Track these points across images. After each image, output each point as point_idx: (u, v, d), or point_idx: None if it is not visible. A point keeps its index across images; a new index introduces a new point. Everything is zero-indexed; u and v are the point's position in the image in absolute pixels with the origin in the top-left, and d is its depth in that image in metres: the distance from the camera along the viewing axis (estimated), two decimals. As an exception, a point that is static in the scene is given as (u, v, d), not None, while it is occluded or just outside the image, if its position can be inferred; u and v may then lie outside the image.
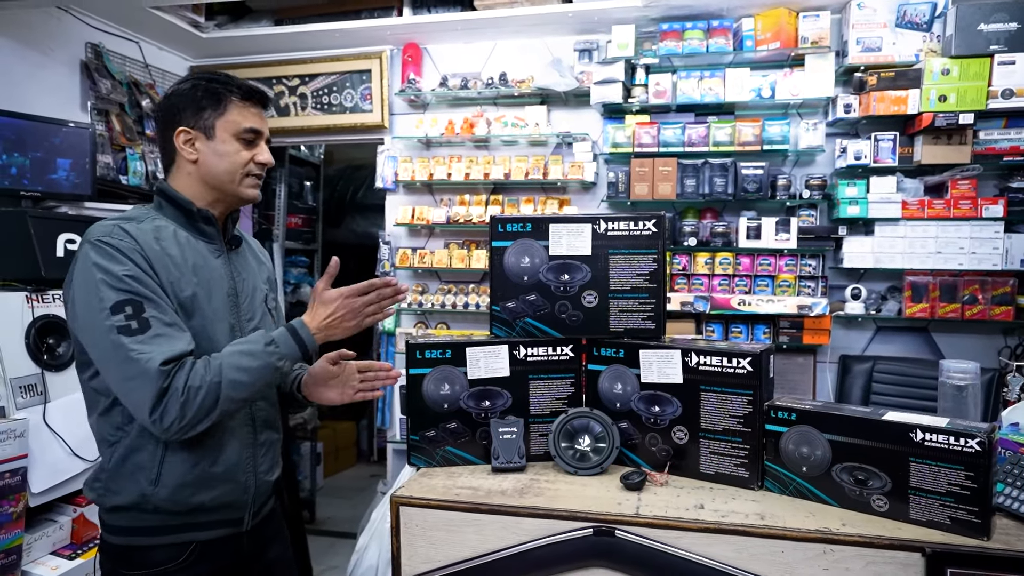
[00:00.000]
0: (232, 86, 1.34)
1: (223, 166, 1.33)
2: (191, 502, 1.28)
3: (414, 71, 3.51)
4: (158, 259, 1.24)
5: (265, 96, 1.40)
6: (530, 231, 1.57)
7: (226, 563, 1.36)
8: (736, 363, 1.39)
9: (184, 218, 1.34)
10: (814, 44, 2.89)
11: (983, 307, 2.83)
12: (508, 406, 1.56)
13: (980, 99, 2.71)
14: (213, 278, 1.33)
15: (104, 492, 1.28)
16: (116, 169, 3.17)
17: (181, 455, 1.26)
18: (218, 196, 1.36)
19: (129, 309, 1.17)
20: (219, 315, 1.33)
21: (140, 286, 1.19)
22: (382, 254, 3.61)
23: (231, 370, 1.21)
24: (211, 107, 1.32)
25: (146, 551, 1.28)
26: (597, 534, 1.25)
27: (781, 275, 3.04)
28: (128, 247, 1.21)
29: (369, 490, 4.02)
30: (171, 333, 1.20)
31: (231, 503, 1.34)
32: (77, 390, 2.23)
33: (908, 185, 2.95)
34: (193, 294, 1.28)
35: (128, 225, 1.25)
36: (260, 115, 1.37)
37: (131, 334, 1.16)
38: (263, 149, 1.38)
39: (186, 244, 1.31)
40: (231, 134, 1.32)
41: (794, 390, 3.08)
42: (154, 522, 1.27)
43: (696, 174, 3.10)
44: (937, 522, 1.18)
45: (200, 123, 1.32)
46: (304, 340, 1.28)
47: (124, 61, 3.34)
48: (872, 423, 1.24)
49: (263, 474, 1.40)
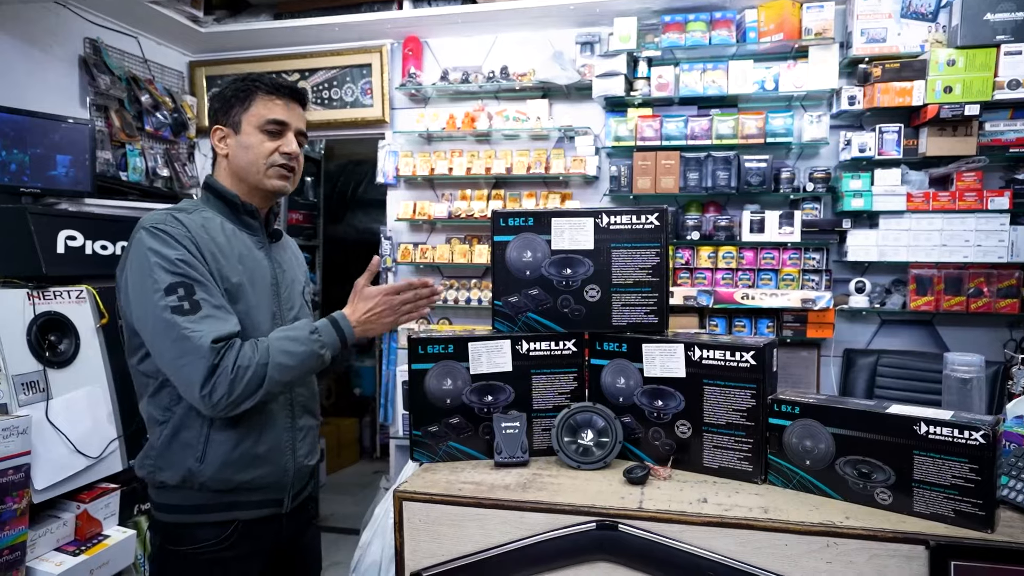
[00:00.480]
0: (260, 82, 1.41)
1: (247, 158, 1.39)
2: (234, 480, 1.35)
3: (415, 65, 3.51)
4: (206, 247, 1.32)
5: (296, 90, 1.45)
6: (532, 225, 1.57)
7: (266, 544, 1.43)
8: (739, 357, 1.39)
9: (229, 211, 1.42)
10: (818, 35, 2.89)
11: (988, 300, 2.83)
12: (511, 401, 1.57)
13: (986, 90, 2.70)
14: (256, 268, 1.41)
15: (153, 469, 1.35)
16: (116, 165, 3.18)
17: (225, 434, 1.33)
18: (249, 188, 1.43)
19: (181, 291, 1.24)
20: (262, 303, 1.40)
21: (191, 270, 1.27)
22: (383, 249, 3.62)
23: (278, 353, 1.28)
24: (239, 103, 1.40)
25: (192, 528, 1.35)
26: (600, 528, 1.26)
27: (785, 269, 3.04)
28: (180, 234, 1.29)
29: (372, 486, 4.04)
30: (220, 315, 1.27)
31: (271, 484, 1.41)
32: (79, 387, 2.25)
33: (913, 177, 2.94)
34: (238, 281, 1.35)
35: (180, 214, 1.34)
36: (287, 107, 1.42)
37: (183, 314, 1.23)
38: (289, 140, 1.42)
39: (232, 235, 1.39)
40: (255, 126, 1.39)
41: (798, 384, 3.09)
42: (199, 500, 1.35)
43: (699, 167, 3.09)
44: (941, 515, 1.18)
45: (230, 119, 1.40)
46: (344, 331, 1.36)
47: (123, 56, 3.35)
48: (876, 416, 1.25)
49: (302, 458, 1.47)
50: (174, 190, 3.51)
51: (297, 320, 1.46)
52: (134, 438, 2.42)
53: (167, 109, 3.49)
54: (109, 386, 2.36)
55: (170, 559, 1.38)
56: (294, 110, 1.43)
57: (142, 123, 3.37)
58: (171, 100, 3.56)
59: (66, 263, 2.34)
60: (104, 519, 2.27)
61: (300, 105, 1.45)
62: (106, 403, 2.33)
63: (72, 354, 2.25)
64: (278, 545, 1.47)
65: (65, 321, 2.25)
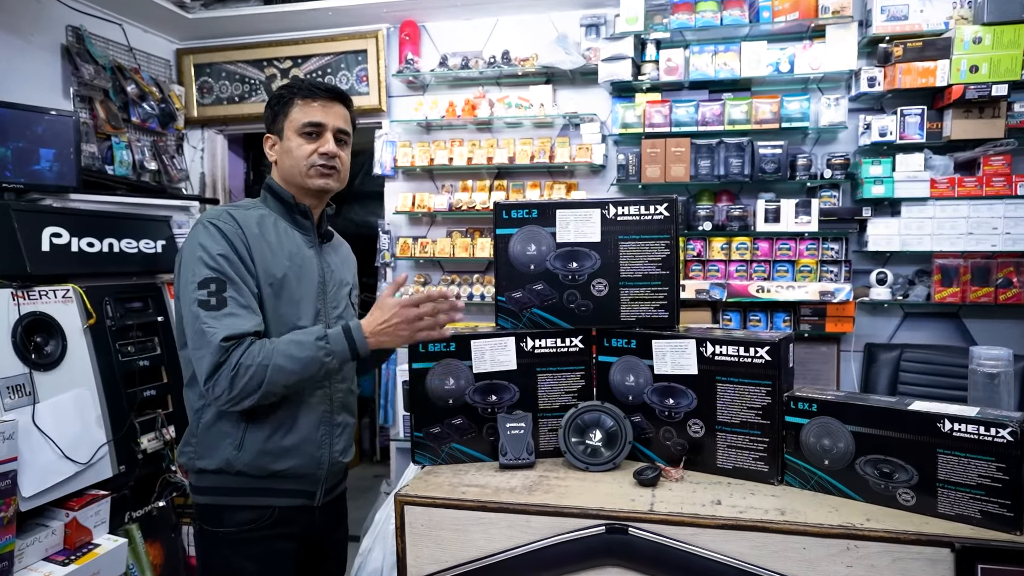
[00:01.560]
0: (295, 87, 1.52)
1: (290, 162, 1.51)
2: (270, 468, 1.45)
3: (412, 51, 3.51)
4: (255, 242, 1.44)
5: (333, 90, 1.54)
6: (536, 217, 1.58)
7: (300, 532, 1.52)
8: (754, 352, 1.40)
9: (284, 210, 1.54)
10: (835, 14, 2.87)
11: (1018, 290, 2.82)
12: (516, 400, 1.57)
13: (1015, 69, 2.69)
14: (305, 265, 1.51)
15: (194, 456, 1.47)
16: (102, 159, 3.19)
17: (262, 424, 1.44)
18: (297, 190, 1.53)
19: (213, 286, 1.36)
20: (306, 299, 1.50)
21: (229, 267, 1.38)
22: (382, 244, 3.62)
23: (280, 356, 1.35)
24: (280, 111, 1.52)
25: (231, 510, 1.46)
26: (610, 532, 1.26)
27: (802, 260, 3.03)
28: (230, 230, 1.42)
29: (372, 490, 4.06)
30: (242, 314, 1.37)
31: (305, 475, 1.50)
32: (67, 390, 2.26)
33: (937, 162, 2.92)
34: (284, 275, 1.46)
35: (235, 211, 1.47)
36: (323, 108, 1.51)
37: (208, 309, 1.35)
38: (327, 140, 1.51)
39: (284, 233, 1.51)
40: (294, 131, 1.50)
41: (816, 380, 3.08)
42: (237, 484, 1.45)
43: (711, 155, 3.09)
44: (966, 516, 1.18)
45: (275, 128, 1.54)
46: (356, 340, 1.41)
47: (107, 45, 3.35)
48: (897, 413, 1.25)
49: (337, 454, 1.55)
50: (162, 183, 3.52)
51: (341, 319, 1.56)
52: (124, 443, 2.43)
53: (154, 99, 3.50)
54: (98, 388, 2.37)
55: (211, 540, 1.48)
56: (331, 110, 1.52)
57: (128, 114, 3.38)
58: (158, 90, 3.57)
59: (51, 261, 2.35)
60: (94, 527, 2.28)
61: (341, 104, 1.54)
62: (95, 406, 2.35)
63: (59, 356, 2.26)
64: (311, 535, 1.55)
65: (51, 322, 2.26)
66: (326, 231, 1.63)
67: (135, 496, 2.52)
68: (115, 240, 2.61)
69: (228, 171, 4.07)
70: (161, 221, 2.91)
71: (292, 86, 1.53)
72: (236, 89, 3.83)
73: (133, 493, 2.51)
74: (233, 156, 4.15)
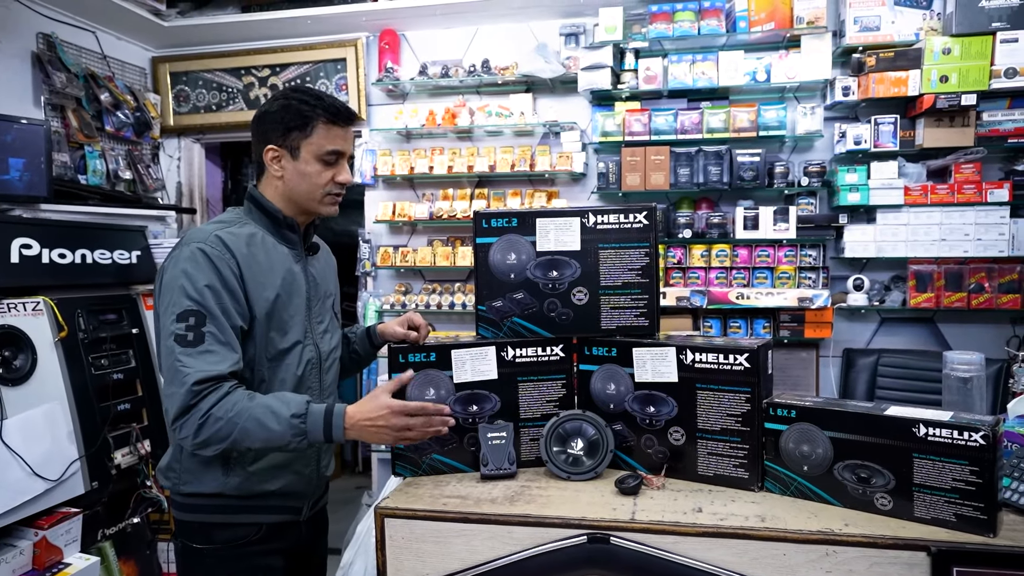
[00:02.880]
0: (319, 108, 1.43)
1: (305, 186, 1.45)
2: (259, 489, 1.42)
3: (391, 59, 3.51)
4: (247, 265, 1.38)
5: (352, 114, 1.48)
6: (516, 226, 1.58)
7: (288, 546, 1.51)
8: (733, 360, 1.41)
9: (271, 224, 1.48)
10: (810, 24, 2.92)
11: (990, 295, 2.88)
12: (497, 410, 1.57)
13: (983, 79, 2.75)
14: (294, 282, 1.47)
15: (179, 481, 1.43)
16: (74, 168, 3.15)
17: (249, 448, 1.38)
18: (299, 210, 1.49)
19: (192, 320, 1.30)
20: (296, 318, 1.47)
21: (213, 300, 1.32)
22: (362, 253, 3.61)
23: (251, 420, 1.29)
24: (298, 128, 1.42)
25: (218, 528, 1.43)
26: (591, 541, 1.26)
27: (780, 266, 3.07)
28: (218, 256, 1.35)
29: (354, 503, 4.02)
30: (219, 351, 1.31)
31: (295, 492, 1.48)
32: (37, 405, 2.22)
33: (910, 170, 2.98)
34: (276, 295, 1.42)
35: (223, 232, 1.39)
36: (345, 135, 1.47)
37: (184, 344, 1.29)
38: (343, 168, 1.48)
39: (272, 249, 1.46)
40: (314, 156, 1.43)
41: (796, 386, 3.12)
42: (226, 503, 1.42)
43: (690, 163, 3.12)
44: (942, 519, 1.20)
45: (287, 143, 1.43)
46: (333, 428, 1.33)
47: (80, 52, 3.31)
48: (874, 419, 1.27)
49: (324, 469, 1.56)
50: (137, 193, 3.48)
51: (327, 333, 1.54)
52: (97, 458, 2.39)
53: (129, 108, 3.46)
54: (70, 403, 2.33)
55: (195, 557, 1.44)
56: (349, 134, 1.48)
57: (102, 123, 3.34)
58: (133, 98, 3.53)
59: (21, 273, 2.31)
60: (65, 546, 2.24)
61: (354, 126, 1.50)
62: (66, 422, 2.31)
63: (28, 370, 2.22)
64: (299, 548, 1.54)
65: (20, 335, 2.22)
66: (312, 244, 1.58)
67: (108, 512, 2.48)
68: (88, 251, 2.57)
69: (206, 180, 4.03)
70: (136, 231, 2.88)
71: (315, 104, 1.42)
72: (213, 97, 3.80)
73: (106, 509, 2.47)
74: (211, 165, 4.11)
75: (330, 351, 1.56)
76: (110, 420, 2.45)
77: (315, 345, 1.50)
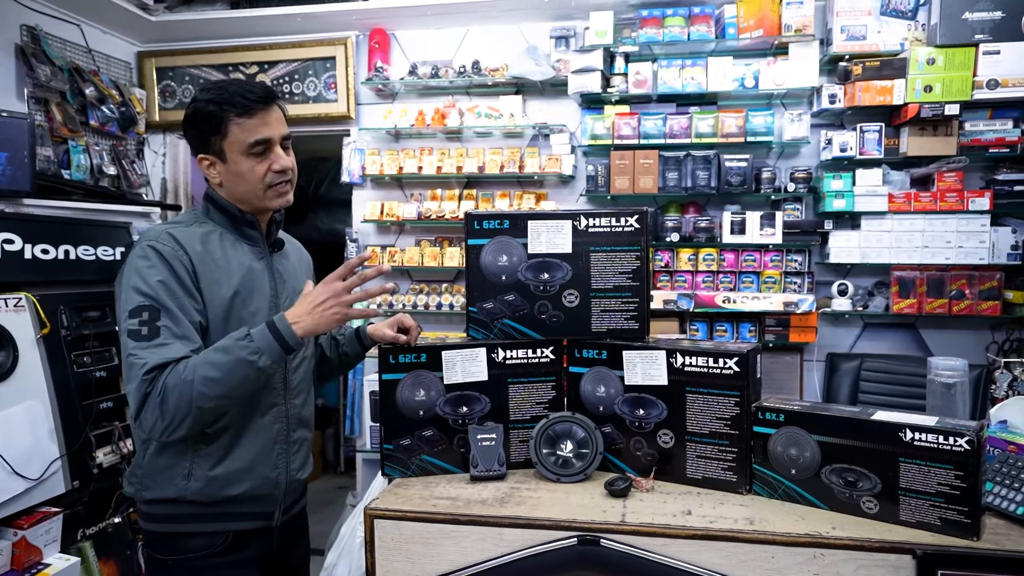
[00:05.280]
0: (225, 104, 1.36)
1: (243, 186, 1.41)
2: (222, 495, 1.38)
3: (381, 58, 3.49)
4: (201, 262, 1.36)
5: (266, 95, 1.40)
6: (507, 228, 1.58)
7: (258, 555, 1.47)
8: (723, 363, 1.42)
9: (230, 222, 1.45)
10: (798, 32, 2.96)
11: (970, 302, 2.93)
12: (487, 412, 1.57)
13: (965, 89, 2.80)
14: (255, 280, 1.44)
15: (141, 487, 1.40)
16: (58, 163, 3.10)
17: (211, 450, 1.37)
18: (250, 208, 1.45)
19: (145, 315, 1.27)
20: (259, 315, 1.42)
21: (166, 294, 1.29)
22: (349, 252, 3.59)
23: (203, 367, 1.26)
24: (213, 132, 1.38)
25: (184, 538, 1.39)
26: (582, 543, 1.27)
27: (766, 271, 3.10)
28: (170, 252, 1.32)
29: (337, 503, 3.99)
30: (173, 343, 1.28)
31: (261, 496, 1.44)
32: (17, 403, 2.18)
33: (894, 178, 3.03)
34: (234, 293, 1.39)
35: (176, 230, 1.37)
36: (264, 121, 1.38)
37: (139, 339, 1.27)
38: (278, 155, 1.41)
39: (230, 248, 1.42)
40: (240, 153, 1.38)
41: (780, 390, 3.15)
42: (189, 511, 1.38)
43: (678, 167, 3.14)
44: (927, 523, 1.22)
45: (211, 148, 1.40)
46: (281, 331, 1.29)
47: (64, 45, 3.26)
48: (861, 423, 1.28)
49: (295, 471, 1.50)
50: (122, 189, 3.43)
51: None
52: (78, 457, 2.35)
53: (114, 102, 3.41)
54: (51, 401, 2.29)
55: (161, 568, 1.41)
56: (271, 117, 1.40)
57: (86, 117, 3.28)
58: (118, 93, 3.48)
59: (3, 269, 2.28)
60: (44, 546, 2.20)
61: (275, 106, 1.42)
62: (48, 419, 2.27)
63: (10, 367, 2.18)
64: (270, 556, 1.50)
65: (1, 331, 2.18)
66: (276, 240, 1.53)
67: (89, 512, 2.45)
68: (71, 247, 2.54)
69: (191, 177, 3.99)
70: (120, 228, 2.84)
71: (219, 101, 1.36)
72: (200, 93, 3.75)
73: (87, 509, 2.43)
74: (196, 162, 4.06)
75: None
76: (92, 418, 2.42)
77: None
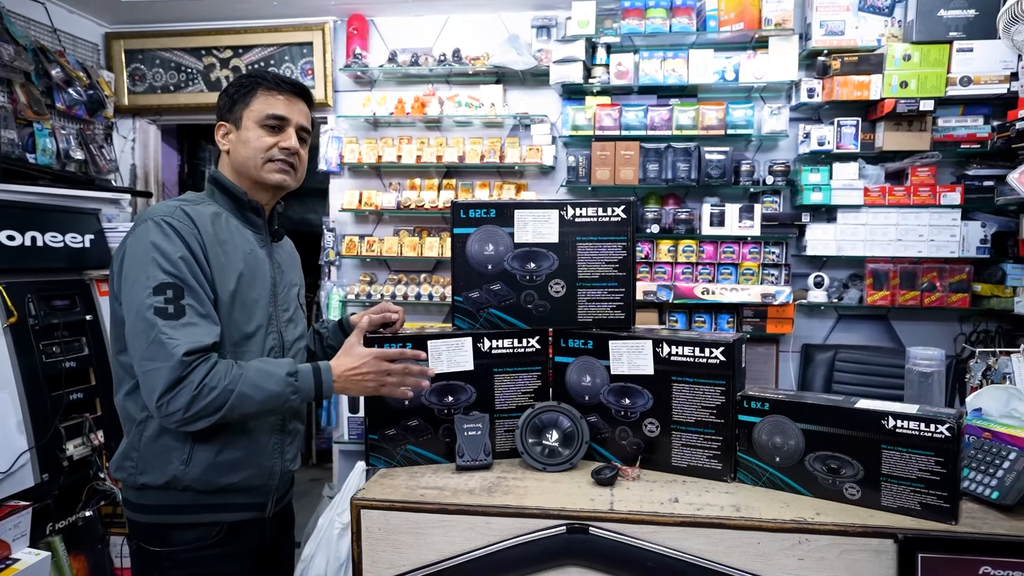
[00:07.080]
0: (261, 78, 1.46)
1: (246, 152, 1.44)
2: (219, 482, 1.38)
3: (360, 45, 3.44)
4: (211, 243, 1.36)
5: (299, 86, 1.49)
6: (494, 217, 1.57)
7: (251, 546, 1.46)
8: (709, 353, 1.43)
9: (235, 206, 1.47)
10: (778, 26, 2.99)
11: (941, 294, 3.00)
12: (472, 401, 1.56)
13: (939, 86, 2.86)
14: (258, 267, 1.45)
15: (135, 471, 1.37)
16: (22, 146, 2.99)
17: (211, 436, 1.36)
18: (251, 184, 1.47)
19: (170, 292, 1.28)
20: (260, 303, 1.44)
21: (188, 272, 1.30)
22: (326, 242, 3.54)
23: (248, 384, 1.29)
24: (241, 99, 1.45)
25: (176, 529, 1.38)
26: (571, 532, 1.27)
27: (745, 263, 3.14)
28: (186, 230, 1.33)
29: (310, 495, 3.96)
30: (202, 324, 1.29)
31: (257, 487, 1.44)
32: (-15, 393, 2.11)
33: (869, 172, 3.08)
34: (239, 278, 1.40)
35: (189, 207, 1.37)
36: (288, 102, 1.46)
37: (166, 317, 1.26)
38: (289, 135, 1.46)
39: (236, 231, 1.44)
40: (255, 122, 1.44)
41: (756, 380, 3.19)
42: (184, 500, 1.37)
43: (659, 158, 3.16)
44: (908, 508, 1.25)
45: (232, 116, 1.46)
46: (324, 383, 1.37)
47: (28, 24, 3.15)
48: (845, 411, 1.31)
49: (288, 462, 1.52)
50: (89, 175, 3.33)
51: (292, 322, 1.52)
52: (47, 449, 2.29)
53: (81, 85, 3.31)
54: (19, 392, 2.23)
55: (152, 560, 1.39)
56: (296, 105, 1.47)
57: (52, 100, 3.18)
58: (86, 75, 3.37)
59: (-34, 255, 2.20)
60: (13, 540, 2.14)
61: (304, 101, 1.50)
62: (15, 411, 2.20)
63: (-24, 357, 2.12)
64: (263, 547, 1.50)
65: (-34, 320, 2.11)
66: (276, 229, 1.56)
67: (59, 506, 2.39)
68: (38, 233, 2.46)
69: (161, 163, 3.89)
70: (90, 214, 2.76)
71: (256, 75, 1.47)
72: (171, 77, 3.67)
73: (56, 502, 2.37)
74: (167, 148, 3.97)
75: (294, 340, 1.53)
76: (62, 410, 2.35)
77: (279, 332, 1.47)
